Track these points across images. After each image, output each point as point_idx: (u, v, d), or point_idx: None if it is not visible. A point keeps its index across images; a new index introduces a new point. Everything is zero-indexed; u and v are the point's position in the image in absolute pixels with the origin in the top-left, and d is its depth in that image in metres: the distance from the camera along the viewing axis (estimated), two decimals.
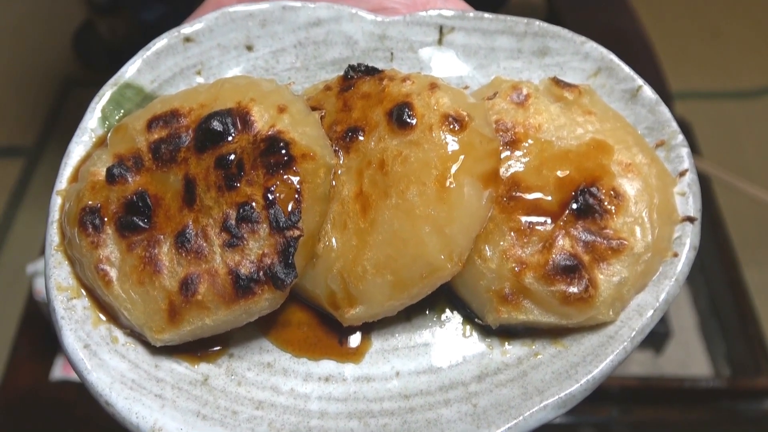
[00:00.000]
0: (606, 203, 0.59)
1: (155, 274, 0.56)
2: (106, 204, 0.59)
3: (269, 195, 0.55)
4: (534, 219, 0.59)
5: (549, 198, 0.59)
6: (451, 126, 0.58)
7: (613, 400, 1.53)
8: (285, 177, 0.56)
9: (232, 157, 0.57)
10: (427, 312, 0.62)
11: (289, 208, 0.55)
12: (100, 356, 0.56)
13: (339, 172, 0.60)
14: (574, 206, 0.59)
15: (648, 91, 0.67)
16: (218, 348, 0.60)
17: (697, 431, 1.57)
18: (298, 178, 0.56)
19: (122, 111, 0.67)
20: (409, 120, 0.59)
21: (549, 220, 0.59)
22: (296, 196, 0.56)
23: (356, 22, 0.71)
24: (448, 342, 0.61)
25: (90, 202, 0.59)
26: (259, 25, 0.71)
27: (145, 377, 0.57)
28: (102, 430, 1.42)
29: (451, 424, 0.56)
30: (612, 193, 0.59)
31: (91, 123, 0.66)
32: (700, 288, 1.86)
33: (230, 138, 0.58)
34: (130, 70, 0.68)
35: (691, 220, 0.61)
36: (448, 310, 0.62)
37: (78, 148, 0.64)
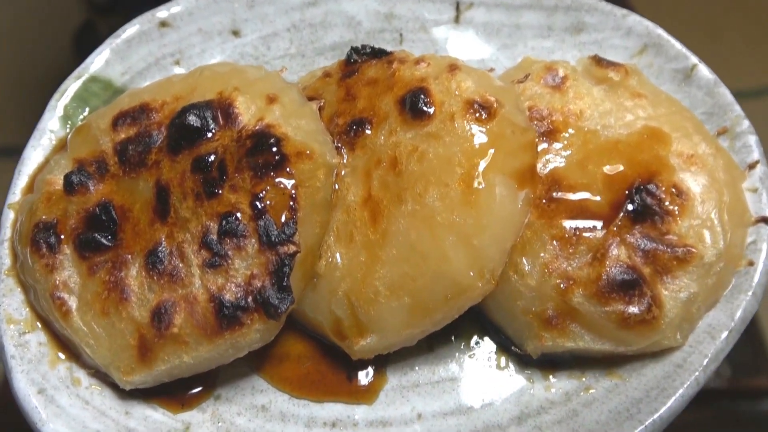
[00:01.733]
0: (667, 203, 0.49)
1: (122, 302, 0.47)
2: (64, 218, 0.49)
3: (258, 203, 0.46)
4: (581, 224, 0.49)
5: (597, 198, 0.50)
6: (477, 114, 0.49)
7: None
8: (276, 180, 0.47)
9: (213, 158, 0.48)
10: (453, 340, 0.52)
11: (283, 219, 0.46)
12: (58, 403, 0.47)
13: (342, 173, 0.50)
14: (629, 207, 0.49)
15: (704, 71, 0.58)
16: (201, 389, 0.50)
17: (697, 431, 1.52)
18: (292, 182, 0.47)
19: (88, 109, 0.58)
20: (425, 108, 0.49)
21: (599, 225, 0.49)
22: (291, 203, 0.47)
23: None
24: (480, 376, 0.51)
25: (44, 217, 0.49)
26: (246, 7, 0.62)
27: (113, 427, 0.47)
28: None
29: None
30: (673, 190, 0.50)
31: (51, 123, 0.56)
32: None
33: (210, 135, 0.49)
34: (97, 61, 0.59)
35: (766, 221, 0.52)
36: (477, 337, 0.53)
37: (35, 153, 0.55)
